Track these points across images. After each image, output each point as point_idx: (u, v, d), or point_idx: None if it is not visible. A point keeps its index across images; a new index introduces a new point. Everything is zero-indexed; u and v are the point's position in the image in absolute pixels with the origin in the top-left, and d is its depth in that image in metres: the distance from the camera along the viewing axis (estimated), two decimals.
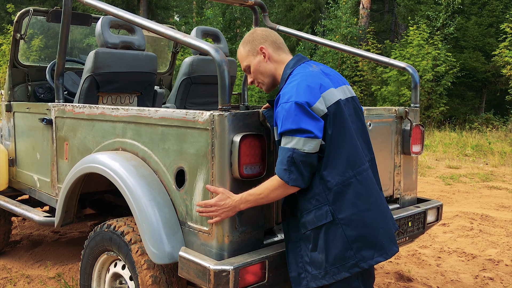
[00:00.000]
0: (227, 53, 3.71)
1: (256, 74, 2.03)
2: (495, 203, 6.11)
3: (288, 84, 1.88)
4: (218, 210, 1.85)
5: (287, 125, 1.77)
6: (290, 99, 1.79)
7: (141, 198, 2.10)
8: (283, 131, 1.79)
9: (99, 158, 2.36)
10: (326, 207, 1.82)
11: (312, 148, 1.77)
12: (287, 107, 1.78)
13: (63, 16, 2.76)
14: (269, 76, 2.03)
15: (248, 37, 2.05)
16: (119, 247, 2.27)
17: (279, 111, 1.82)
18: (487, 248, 4.34)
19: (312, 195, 1.84)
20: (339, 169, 1.82)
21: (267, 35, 2.04)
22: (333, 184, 1.82)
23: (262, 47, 2.00)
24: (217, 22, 20.95)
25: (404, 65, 2.93)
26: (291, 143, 1.77)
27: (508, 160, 9.66)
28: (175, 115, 2.07)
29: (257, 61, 2.01)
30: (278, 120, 1.82)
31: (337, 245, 1.81)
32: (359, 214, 1.83)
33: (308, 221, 1.85)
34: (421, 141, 2.84)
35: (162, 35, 2.18)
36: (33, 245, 4.27)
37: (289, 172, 1.77)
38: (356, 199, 1.83)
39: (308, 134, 1.76)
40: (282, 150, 1.79)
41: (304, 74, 1.89)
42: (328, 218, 1.81)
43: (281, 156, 1.80)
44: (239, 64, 10.68)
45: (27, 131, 3.32)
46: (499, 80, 16.69)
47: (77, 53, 4.63)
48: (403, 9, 18.87)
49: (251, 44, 2.02)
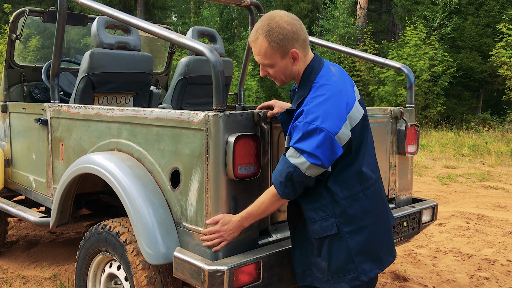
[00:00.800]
0: (223, 53, 3.71)
1: (278, 74, 1.85)
2: (492, 203, 6.13)
3: (314, 97, 1.73)
4: (224, 235, 1.86)
5: (301, 144, 1.68)
6: (315, 122, 1.67)
7: (136, 198, 2.10)
8: (294, 146, 1.70)
9: (94, 159, 2.36)
10: (332, 219, 1.79)
11: (314, 174, 1.72)
12: (310, 128, 1.67)
13: (58, 16, 2.76)
14: (292, 77, 1.87)
15: (275, 30, 1.75)
16: (114, 247, 2.27)
17: (299, 127, 1.70)
18: (483, 247, 4.35)
19: (319, 205, 1.80)
20: (348, 183, 1.79)
21: (298, 32, 1.77)
22: (341, 198, 1.79)
23: (295, 51, 1.78)
24: (214, 22, 20.94)
25: (399, 65, 2.94)
26: (296, 160, 1.70)
27: (505, 160, 9.69)
28: (170, 116, 2.07)
29: (284, 64, 1.81)
30: (295, 133, 1.72)
31: (339, 257, 1.79)
32: (364, 229, 1.81)
33: (313, 231, 1.83)
34: (416, 141, 2.85)
35: (157, 35, 2.18)
36: (29, 246, 4.27)
37: (284, 186, 1.74)
38: (363, 214, 1.81)
39: (316, 162, 1.67)
40: (285, 162, 1.73)
41: (331, 88, 1.75)
42: (334, 231, 1.78)
43: (280, 166, 1.75)
44: (236, 64, 10.66)
45: (23, 132, 3.32)
46: (496, 80, 16.74)
47: (74, 54, 4.62)
48: (400, 9, 18.92)
49: (280, 43, 1.76)
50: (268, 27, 1.75)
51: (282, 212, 2.22)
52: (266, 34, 1.75)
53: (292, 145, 1.72)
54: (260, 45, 1.78)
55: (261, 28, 1.77)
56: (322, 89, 1.75)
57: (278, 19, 1.76)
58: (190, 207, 2.00)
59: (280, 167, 1.75)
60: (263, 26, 1.77)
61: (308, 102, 1.74)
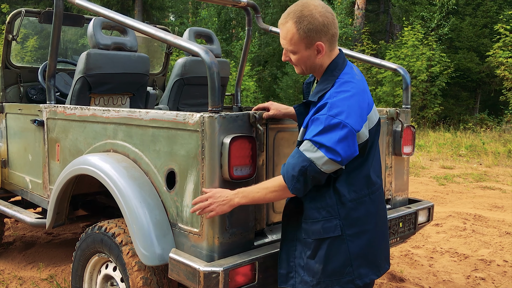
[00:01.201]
0: (220, 54, 3.72)
1: (299, 62, 1.79)
2: (489, 203, 6.15)
3: (339, 92, 1.69)
4: (214, 203, 1.81)
5: (321, 138, 1.63)
6: (339, 116, 1.62)
7: (132, 199, 2.11)
8: (312, 139, 1.65)
9: (90, 160, 2.36)
10: (336, 220, 1.76)
11: (330, 170, 1.67)
12: (333, 122, 1.62)
13: (55, 17, 2.76)
14: (312, 68, 1.82)
15: (306, 19, 1.70)
16: (110, 248, 2.27)
17: (321, 119, 1.64)
18: (480, 248, 4.36)
19: (323, 205, 1.77)
20: (356, 186, 1.77)
21: (328, 26, 1.72)
22: (348, 200, 1.76)
23: (320, 44, 1.73)
24: (212, 22, 20.94)
25: (395, 66, 2.94)
26: (312, 154, 1.64)
27: (502, 161, 9.71)
28: (165, 117, 2.07)
29: (308, 54, 1.76)
30: (314, 125, 1.66)
31: (338, 259, 1.76)
32: (366, 233, 1.79)
33: (313, 231, 1.78)
34: (412, 142, 2.85)
35: (152, 37, 2.18)
36: (25, 247, 4.26)
37: (296, 180, 1.68)
38: (366, 217, 1.79)
39: (335, 157, 1.63)
40: (300, 156, 1.67)
41: (355, 86, 1.73)
42: (337, 232, 1.75)
43: (294, 160, 1.69)
44: (233, 65, 10.68)
45: (19, 133, 3.31)
46: (493, 81, 16.77)
47: (71, 54, 4.62)
48: (398, 9, 18.94)
49: (308, 32, 1.70)
50: (300, 14, 1.71)
51: (278, 213, 2.22)
52: (296, 20, 1.71)
53: (309, 138, 1.65)
54: (287, 30, 1.74)
55: (293, 13, 1.73)
56: (347, 85, 1.72)
57: (312, 7, 1.71)
58: (186, 208, 2.00)
59: (294, 160, 1.69)
60: (295, 11, 1.72)
61: (332, 95, 1.69)
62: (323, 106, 1.68)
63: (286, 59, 1.83)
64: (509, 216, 5.55)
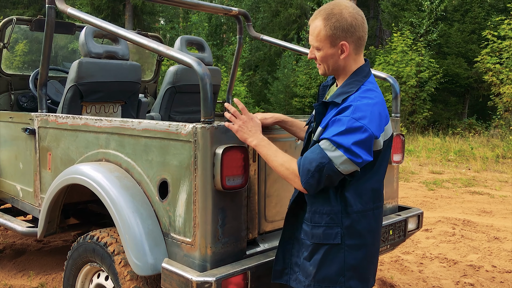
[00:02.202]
0: (211, 62, 3.74)
1: (323, 60, 1.79)
2: (477, 208, 6.22)
3: (363, 97, 1.70)
4: (240, 125, 1.87)
5: (341, 138, 1.62)
6: (362, 120, 1.63)
7: (124, 209, 2.11)
8: (331, 139, 1.64)
9: (82, 169, 2.36)
10: (338, 228, 1.75)
11: (346, 171, 1.65)
12: (356, 125, 1.62)
13: (46, 26, 2.76)
14: (334, 70, 1.81)
15: (334, 16, 1.72)
16: (102, 258, 2.27)
17: (343, 121, 1.64)
18: (469, 253, 4.41)
19: (328, 212, 1.76)
20: (363, 198, 1.77)
21: (356, 27, 1.73)
22: (353, 210, 1.75)
23: (345, 43, 1.74)
24: (203, 27, 20.96)
25: (384, 75, 2.98)
26: (332, 152, 1.63)
27: (490, 165, 9.83)
28: (158, 127, 2.09)
29: (331, 53, 1.76)
30: (335, 126, 1.66)
31: (332, 267, 1.77)
32: (365, 247, 1.80)
33: (314, 235, 1.79)
34: (401, 150, 2.89)
35: (145, 47, 2.19)
36: (16, 254, 4.24)
37: (311, 176, 1.66)
38: (367, 231, 1.80)
39: (354, 158, 1.62)
40: (319, 152, 1.65)
41: (379, 95, 1.75)
42: (336, 240, 1.75)
43: (314, 155, 1.66)
44: (224, 70, 10.68)
45: (9, 141, 3.30)
46: (481, 86, 16.99)
47: (61, 60, 4.61)
48: (387, 15, 19.12)
49: (334, 30, 1.72)
50: (330, 11, 1.73)
51: (270, 223, 2.24)
52: (325, 17, 1.73)
53: (329, 137, 1.64)
54: (316, 25, 1.76)
55: (324, 10, 1.76)
56: (371, 93, 1.73)
57: (343, 7, 1.74)
58: (178, 218, 2.01)
59: (313, 155, 1.67)
60: (326, 9, 1.75)
61: (356, 99, 1.69)
62: (346, 108, 1.68)
63: (312, 57, 1.84)
64: (497, 221, 5.62)
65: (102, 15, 17.47)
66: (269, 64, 22.40)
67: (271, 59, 22.22)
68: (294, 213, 1.91)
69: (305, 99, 18.11)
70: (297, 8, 22.25)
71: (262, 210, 2.21)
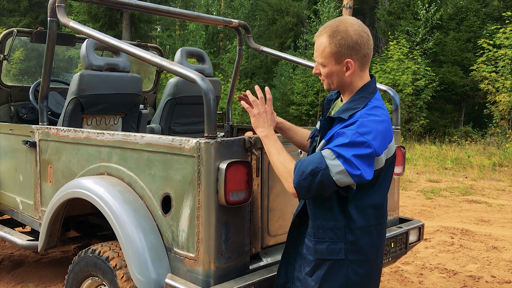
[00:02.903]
0: (211, 73, 3.75)
1: (328, 76, 1.81)
2: (475, 217, 6.23)
3: (369, 114, 1.70)
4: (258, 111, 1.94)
5: (342, 150, 1.62)
6: (366, 136, 1.63)
7: (127, 224, 2.11)
8: (333, 149, 1.64)
9: (84, 183, 2.36)
10: (341, 244, 1.75)
11: (341, 183, 1.64)
12: (359, 140, 1.62)
13: (48, 39, 2.76)
14: (340, 86, 1.82)
15: (340, 34, 1.73)
16: (104, 272, 2.26)
17: (347, 134, 1.64)
18: (468, 263, 4.41)
19: (331, 227, 1.76)
20: (366, 214, 1.77)
21: (361, 45, 1.74)
22: (357, 226, 1.75)
23: (350, 61, 1.74)
24: (200, 36, 21.02)
25: (385, 88, 2.99)
26: (331, 161, 1.63)
27: (487, 174, 9.85)
28: (161, 142, 2.09)
29: (336, 70, 1.77)
30: (339, 138, 1.66)
31: (335, 283, 1.76)
32: (368, 263, 1.80)
33: (317, 250, 1.78)
34: (402, 163, 2.90)
35: (149, 62, 2.20)
36: (14, 266, 4.21)
37: (304, 178, 1.65)
38: (370, 247, 1.79)
39: (352, 170, 1.61)
40: (318, 158, 1.65)
41: (385, 113, 1.76)
42: (340, 256, 1.74)
43: (312, 159, 1.67)
44: (221, 78, 10.65)
45: (10, 153, 3.29)
46: (477, 94, 17.07)
47: (60, 71, 4.61)
48: (383, 24, 19.23)
49: (339, 47, 1.73)
50: (335, 28, 1.74)
51: (273, 237, 2.24)
52: (330, 34, 1.74)
53: (330, 147, 1.65)
54: (321, 42, 1.77)
55: (329, 27, 1.76)
56: (378, 111, 1.74)
57: (349, 24, 1.74)
58: (182, 233, 2.01)
59: (311, 159, 1.67)
60: (331, 26, 1.76)
61: (363, 115, 1.70)
62: (352, 123, 1.68)
63: (316, 72, 1.85)
64: (495, 230, 5.63)
65: (99, 24, 17.49)
66: (265, 71, 22.45)
67: (268, 67, 22.28)
68: (297, 227, 1.91)
69: (302, 107, 18.14)
70: (293, 16, 22.35)
71: (265, 225, 2.21)
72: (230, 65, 19.63)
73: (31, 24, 22.88)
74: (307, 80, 18.25)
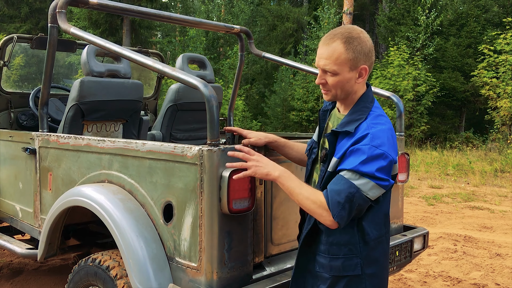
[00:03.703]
0: (213, 79, 3.72)
1: (337, 85, 1.73)
2: (478, 223, 6.19)
3: (375, 123, 1.69)
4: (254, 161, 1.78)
5: (364, 167, 1.60)
6: (382, 147, 1.62)
7: (128, 232, 2.07)
8: (354, 169, 1.61)
9: (85, 191, 2.32)
10: (357, 259, 1.72)
11: (374, 197, 1.63)
12: (376, 153, 1.61)
13: (49, 45, 2.74)
14: (346, 95, 1.77)
15: (356, 40, 1.69)
16: (104, 282, 2.22)
17: (363, 150, 1.62)
18: (472, 271, 4.37)
19: (345, 243, 1.72)
20: (377, 224, 1.75)
21: (372, 52, 1.73)
22: (371, 239, 1.73)
23: (365, 67, 1.71)
24: (200, 41, 21.04)
25: (389, 94, 2.97)
26: (358, 181, 1.60)
27: (489, 180, 9.81)
28: (163, 149, 2.06)
29: (349, 77, 1.71)
30: (354, 155, 1.63)
31: None
32: (381, 272, 1.78)
33: (332, 267, 1.74)
34: (406, 169, 2.87)
35: (150, 68, 2.17)
36: (13, 274, 4.16)
37: (342, 208, 1.60)
38: (382, 256, 1.78)
39: (381, 182, 1.61)
40: (345, 182, 1.61)
41: (387, 121, 1.74)
42: (357, 271, 1.71)
43: (340, 186, 1.62)
44: (222, 84, 10.68)
45: (9, 160, 3.26)
46: (478, 100, 17.06)
47: (61, 77, 4.59)
48: (384, 29, 19.25)
49: (356, 53, 1.68)
50: (349, 35, 1.69)
51: (276, 246, 2.21)
52: (345, 40, 1.68)
53: (351, 168, 1.61)
54: (334, 49, 1.68)
55: (341, 34, 1.70)
56: (381, 119, 1.73)
57: (359, 31, 1.71)
58: (184, 242, 1.98)
59: (339, 187, 1.62)
60: (343, 33, 1.70)
61: (370, 126, 1.67)
62: (363, 137, 1.65)
63: (321, 82, 1.75)
64: (498, 237, 5.59)
65: (100, 30, 17.50)
66: (266, 77, 22.47)
67: (268, 73, 22.30)
68: (307, 246, 1.85)
69: (302, 112, 18.14)
70: (293, 22, 22.40)
71: (269, 233, 2.18)
72: (231, 71, 19.64)
73: (31, 30, 22.91)
74: (307, 86, 18.26)
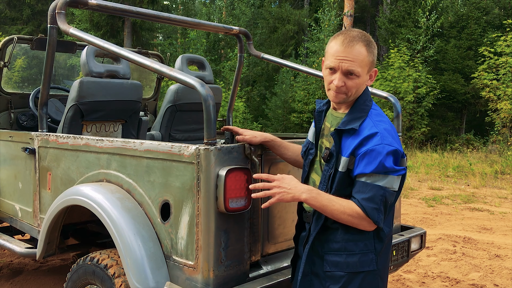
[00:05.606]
0: (212, 80, 3.74)
1: (353, 88, 1.75)
2: (477, 225, 6.19)
3: (379, 121, 1.75)
4: (275, 187, 1.74)
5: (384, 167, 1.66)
6: (393, 144, 1.69)
7: (126, 231, 2.09)
8: (376, 171, 1.66)
9: (83, 190, 2.34)
10: (372, 254, 1.75)
11: (398, 187, 1.70)
12: (390, 150, 1.67)
13: (48, 46, 2.76)
14: (356, 96, 1.80)
15: (373, 44, 1.77)
16: (103, 280, 2.24)
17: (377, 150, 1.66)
18: (470, 271, 4.37)
19: (362, 238, 1.75)
20: (388, 221, 1.81)
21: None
22: (385, 235, 1.77)
23: (376, 70, 1.83)
24: (201, 43, 21.08)
25: (386, 94, 2.98)
26: (383, 181, 1.66)
27: (489, 181, 9.81)
28: (160, 148, 2.07)
29: (365, 79, 1.79)
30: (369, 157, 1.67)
31: None
32: (387, 268, 1.85)
33: (349, 264, 1.74)
34: None
35: (148, 68, 2.19)
36: (13, 274, 4.18)
37: (379, 211, 1.67)
38: (388, 251, 1.84)
39: (399, 173, 1.69)
40: (373, 187, 1.66)
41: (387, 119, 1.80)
42: (372, 267, 1.74)
43: (370, 193, 1.66)
44: (222, 85, 10.70)
45: (9, 160, 3.28)
46: (479, 102, 17.06)
47: (61, 78, 4.61)
48: (384, 31, 19.28)
49: (374, 57, 1.77)
50: (368, 38, 1.75)
51: (273, 244, 2.22)
52: (367, 44, 1.74)
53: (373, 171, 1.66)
54: (359, 52, 1.72)
55: (359, 38, 1.73)
56: (382, 116, 1.79)
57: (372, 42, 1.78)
58: (181, 241, 1.99)
59: (369, 194, 1.67)
60: (361, 36, 1.74)
61: (376, 124, 1.73)
62: (371, 136, 1.70)
63: (342, 84, 1.74)
64: (497, 238, 5.59)
65: (101, 32, 17.55)
66: (266, 79, 22.49)
67: (269, 74, 22.32)
68: (314, 249, 1.84)
69: (303, 114, 18.14)
70: (294, 24, 22.42)
71: (265, 232, 2.19)
72: (231, 72, 19.67)
73: (33, 33, 22.98)
74: (308, 88, 18.27)
